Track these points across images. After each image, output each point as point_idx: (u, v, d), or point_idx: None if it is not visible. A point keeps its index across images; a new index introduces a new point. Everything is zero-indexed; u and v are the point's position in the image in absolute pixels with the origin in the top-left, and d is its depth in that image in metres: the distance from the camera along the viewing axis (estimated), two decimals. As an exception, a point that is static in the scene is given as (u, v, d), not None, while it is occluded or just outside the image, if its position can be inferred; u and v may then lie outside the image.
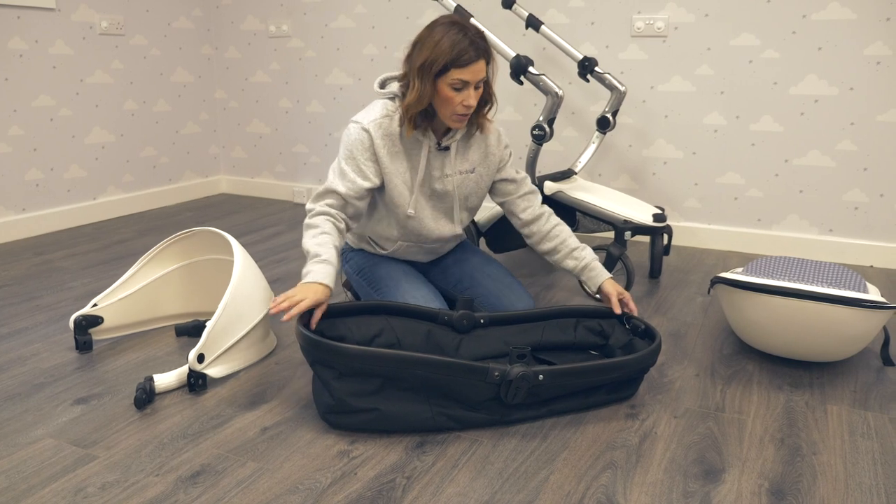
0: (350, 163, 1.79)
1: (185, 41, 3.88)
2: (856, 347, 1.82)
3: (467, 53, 1.68)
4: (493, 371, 1.50)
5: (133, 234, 3.25)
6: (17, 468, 1.43)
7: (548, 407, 1.61)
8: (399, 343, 1.74)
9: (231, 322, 1.79)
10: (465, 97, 1.72)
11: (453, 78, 1.69)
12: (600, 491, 1.36)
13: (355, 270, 2.04)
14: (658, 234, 2.53)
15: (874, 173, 2.75)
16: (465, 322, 1.79)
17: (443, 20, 1.73)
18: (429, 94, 1.72)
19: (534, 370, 1.52)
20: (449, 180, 1.89)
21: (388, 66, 3.57)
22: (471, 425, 1.57)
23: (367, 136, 1.78)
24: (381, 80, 1.89)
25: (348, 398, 1.51)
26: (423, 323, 1.79)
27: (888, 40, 2.64)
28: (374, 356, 1.47)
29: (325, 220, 1.75)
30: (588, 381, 1.60)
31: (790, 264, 1.92)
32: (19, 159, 3.15)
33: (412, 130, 1.78)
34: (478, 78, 1.72)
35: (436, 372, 1.49)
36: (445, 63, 1.68)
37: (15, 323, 2.19)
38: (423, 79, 1.71)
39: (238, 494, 1.34)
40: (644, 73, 3.03)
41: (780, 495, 1.35)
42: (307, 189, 3.94)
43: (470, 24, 1.73)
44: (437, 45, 1.68)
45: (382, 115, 1.80)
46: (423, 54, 1.71)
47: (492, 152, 1.93)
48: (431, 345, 1.77)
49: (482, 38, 1.72)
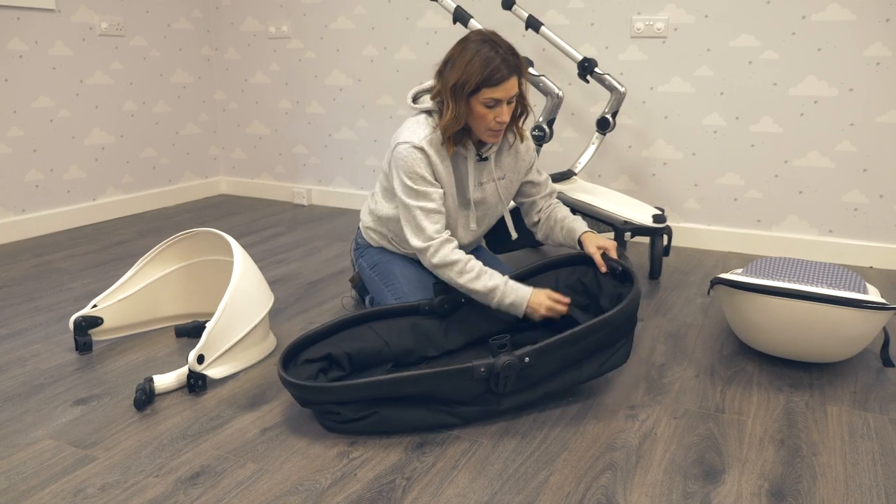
0: (419, 181, 1.77)
1: (185, 42, 3.89)
2: (855, 348, 1.82)
3: (499, 72, 1.68)
4: (479, 367, 1.50)
5: (133, 235, 3.25)
6: (17, 469, 1.43)
7: (543, 388, 1.60)
8: (388, 346, 1.75)
9: (231, 323, 1.79)
10: (497, 114, 1.73)
11: (486, 97, 1.70)
12: (600, 492, 1.36)
13: (370, 265, 2.05)
14: (658, 235, 2.53)
15: (874, 174, 2.75)
16: (445, 306, 1.81)
17: (474, 37, 1.73)
18: (464, 113, 1.73)
19: (518, 355, 1.52)
20: (485, 188, 1.91)
21: (388, 67, 3.57)
22: (470, 419, 1.58)
23: (423, 154, 1.77)
24: (413, 94, 1.88)
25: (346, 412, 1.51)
26: (407, 318, 1.80)
27: (888, 41, 2.64)
28: (358, 387, 1.47)
29: (454, 249, 1.76)
30: (575, 349, 1.57)
31: (790, 265, 1.92)
32: (19, 160, 3.15)
33: (453, 147, 1.79)
34: (510, 95, 1.72)
35: (423, 385, 1.49)
36: (477, 83, 1.68)
37: (15, 324, 2.19)
38: (457, 99, 1.72)
39: (238, 495, 1.34)
40: (644, 74, 3.04)
41: (780, 496, 1.35)
42: (307, 190, 3.94)
43: (501, 41, 1.73)
44: (468, 64, 1.68)
45: (430, 132, 1.78)
46: (455, 74, 1.70)
47: (522, 157, 1.97)
48: (419, 337, 1.78)
49: (513, 53, 1.72)
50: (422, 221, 1.76)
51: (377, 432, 1.55)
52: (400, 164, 1.78)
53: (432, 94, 1.82)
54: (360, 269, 2.10)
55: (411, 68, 3.52)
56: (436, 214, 1.78)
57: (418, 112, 1.85)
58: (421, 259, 1.79)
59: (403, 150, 1.77)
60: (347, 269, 2.72)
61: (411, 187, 1.77)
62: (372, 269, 2.04)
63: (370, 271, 2.04)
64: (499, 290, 1.73)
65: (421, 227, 1.77)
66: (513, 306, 1.74)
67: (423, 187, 1.77)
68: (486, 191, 1.92)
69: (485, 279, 1.74)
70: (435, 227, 1.77)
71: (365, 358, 1.72)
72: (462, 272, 1.75)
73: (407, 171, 1.76)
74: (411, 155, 1.76)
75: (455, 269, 1.74)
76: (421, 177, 1.76)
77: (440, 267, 1.75)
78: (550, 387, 1.61)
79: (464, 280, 1.74)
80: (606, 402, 1.71)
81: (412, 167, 1.76)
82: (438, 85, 1.78)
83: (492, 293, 1.74)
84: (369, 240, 2.07)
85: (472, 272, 1.75)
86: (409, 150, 1.76)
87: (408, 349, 1.77)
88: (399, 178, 1.79)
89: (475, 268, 1.75)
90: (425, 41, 3.45)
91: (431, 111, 1.82)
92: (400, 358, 1.77)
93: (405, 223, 1.80)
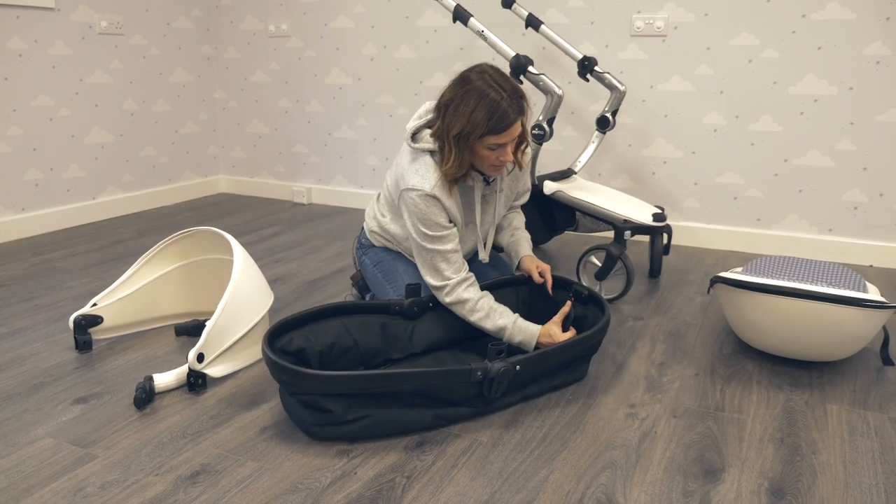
0: (434, 227, 1.77)
1: (185, 41, 3.88)
2: (855, 347, 1.82)
3: (505, 120, 1.67)
4: (476, 371, 1.54)
5: (132, 234, 3.24)
6: (17, 468, 1.43)
7: (522, 392, 1.68)
8: (357, 344, 1.76)
9: (231, 322, 1.79)
10: (500, 153, 1.73)
11: (490, 143, 1.70)
12: (600, 490, 1.36)
13: (374, 262, 2.06)
14: (658, 234, 2.53)
15: (874, 173, 2.75)
16: (415, 308, 1.85)
17: (476, 80, 1.69)
18: (467, 159, 1.74)
19: (511, 362, 1.58)
20: (487, 199, 1.93)
21: (388, 66, 3.57)
22: (456, 420, 1.59)
23: (436, 201, 1.76)
24: (412, 130, 1.82)
25: (339, 410, 1.49)
26: (377, 316, 1.82)
27: (888, 40, 2.64)
28: (359, 378, 1.46)
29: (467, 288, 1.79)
30: (557, 360, 1.68)
31: (790, 264, 1.92)
32: (19, 159, 3.15)
33: (455, 186, 1.79)
34: (513, 137, 1.72)
35: (419, 382, 1.50)
36: (482, 133, 1.68)
37: (14, 323, 2.19)
38: (461, 147, 1.71)
39: (238, 494, 1.34)
40: (644, 72, 3.03)
41: (780, 495, 1.35)
42: (306, 189, 3.94)
43: (504, 80, 1.70)
44: (472, 113, 1.67)
45: (438, 176, 1.76)
46: (459, 124, 1.68)
47: (517, 178, 2.01)
48: (387, 338, 1.81)
49: (517, 94, 1.70)
50: (439, 264, 1.79)
51: (368, 437, 1.53)
52: (413, 210, 1.77)
53: (433, 132, 1.78)
54: (363, 266, 2.10)
55: (411, 67, 3.52)
56: (452, 255, 1.79)
57: (421, 150, 1.80)
58: (435, 295, 1.83)
59: (417, 198, 1.75)
60: (347, 268, 2.72)
61: (427, 234, 1.77)
62: (375, 266, 2.04)
63: (373, 268, 2.05)
64: (507, 331, 1.78)
65: (438, 269, 1.79)
66: (522, 345, 1.79)
67: (438, 232, 1.77)
68: (487, 204, 1.94)
69: (494, 318, 1.78)
70: (452, 267, 1.79)
71: (336, 356, 1.72)
72: (473, 311, 1.79)
73: (422, 219, 1.76)
74: (425, 202, 1.75)
75: (466, 307, 1.79)
76: (436, 223, 1.77)
77: (453, 305, 1.80)
78: (528, 392, 1.70)
79: (475, 318, 1.79)
80: (606, 400, 1.71)
81: (427, 216, 1.76)
82: (439, 124, 1.75)
83: (501, 332, 1.78)
84: (374, 240, 2.08)
85: (482, 311, 1.78)
86: (423, 198, 1.75)
87: (375, 349, 1.79)
88: (414, 224, 1.79)
89: (484, 307, 1.79)
90: (425, 40, 3.45)
91: (433, 151, 1.79)
92: (367, 359, 1.78)
93: (422, 265, 1.82)
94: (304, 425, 1.52)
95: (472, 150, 1.73)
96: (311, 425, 1.51)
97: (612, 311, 2.30)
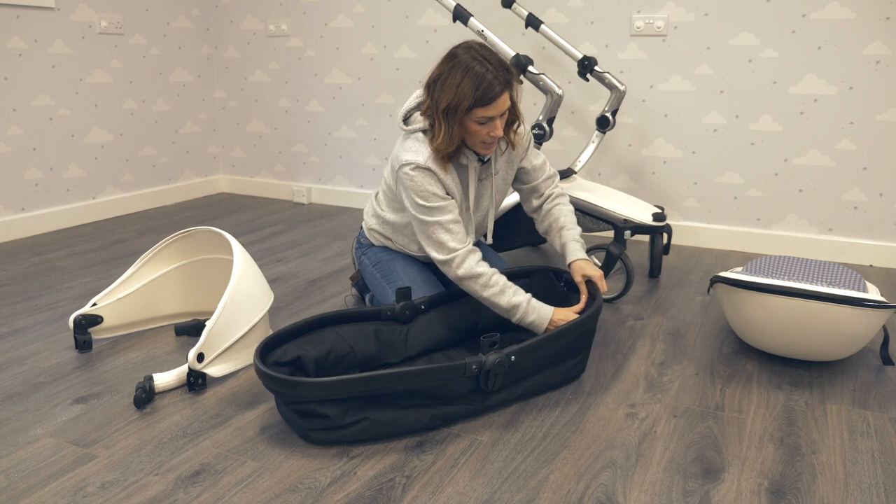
0: (432, 198, 1.76)
1: (185, 40, 3.88)
2: (855, 347, 1.82)
3: (491, 91, 1.67)
4: (471, 365, 1.53)
5: (132, 234, 3.24)
6: (17, 467, 1.43)
7: (519, 388, 1.67)
8: (353, 351, 1.75)
9: (231, 321, 1.79)
10: (490, 128, 1.73)
11: (478, 116, 1.70)
12: (600, 490, 1.36)
13: (372, 262, 2.05)
14: (657, 234, 2.53)
15: (873, 172, 2.75)
16: (407, 313, 1.84)
17: (462, 53, 1.71)
18: (457, 134, 1.73)
19: (505, 353, 1.57)
20: (483, 184, 1.91)
21: (388, 66, 3.57)
22: (454, 419, 1.59)
23: (431, 172, 1.76)
24: (404, 114, 1.85)
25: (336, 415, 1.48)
26: (370, 323, 1.81)
27: (887, 40, 2.64)
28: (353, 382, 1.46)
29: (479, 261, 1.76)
30: (552, 348, 1.67)
31: (790, 263, 1.92)
32: (18, 159, 3.15)
33: (448, 164, 1.78)
34: (502, 110, 1.72)
35: (416, 380, 1.49)
36: (469, 105, 1.67)
37: (14, 322, 2.19)
38: (450, 121, 1.71)
39: (238, 494, 1.34)
40: (643, 72, 3.03)
41: (780, 494, 1.35)
42: (306, 188, 3.94)
43: (490, 54, 1.71)
44: (459, 86, 1.67)
45: (431, 150, 1.77)
46: (447, 97, 1.69)
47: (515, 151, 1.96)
48: (381, 343, 1.80)
49: (503, 67, 1.70)
50: (441, 236, 1.76)
51: (366, 440, 1.53)
52: (409, 185, 1.76)
53: (422, 110, 1.80)
54: (362, 266, 2.10)
55: (411, 67, 3.52)
56: (454, 225, 1.77)
57: (412, 131, 1.82)
58: (445, 272, 1.79)
59: (411, 172, 1.76)
60: (347, 268, 2.72)
61: (425, 206, 1.76)
62: (374, 266, 2.04)
63: (372, 269, 2.05)
64: (521, 308, 1.75)
65: (441, 242, 1.77)
66: (533, 325, 1.76)
67: (436, 203, 1.76)
68: (484, 187, 1.92)
69: (508, 294, 1.75)
70: (455, 238, 1.77)
71: (332, 362, 1.71)
72: (486, 286, 1.75)
73: (418, 192, 1.76)
74: (420, 175, 1.75)
75: (480, 281, 1.75)
76: (433, 194, 1.76)
77: (465, 279, 1.76)
78: (526, 387, 1.69)
79: (487, 293, 1.76)
80: (606, 400, 1.71)
81: (422, 186, 1.75)
82: (428, 101, 1.76)
83: (514, 310, 1.75)
84: (372, 239, 2.07)
85: (497, 286, 1.75)
86: (417, 170, 1.75)
87: (371, 355, 1.78)
88: (411, 198, 1.78)
89: (499, 282, 1.76)
90: (425, 39, 3.45)
91: (424, 130, 1.80)
92: (364, 365, 1.78)
93: (425, 241, 1.80)
94: (301, 431, 1.52)
95: (461, 123, 1.72)
96: (307, 430, 1.50)
97: (611, 311, 2.30)
